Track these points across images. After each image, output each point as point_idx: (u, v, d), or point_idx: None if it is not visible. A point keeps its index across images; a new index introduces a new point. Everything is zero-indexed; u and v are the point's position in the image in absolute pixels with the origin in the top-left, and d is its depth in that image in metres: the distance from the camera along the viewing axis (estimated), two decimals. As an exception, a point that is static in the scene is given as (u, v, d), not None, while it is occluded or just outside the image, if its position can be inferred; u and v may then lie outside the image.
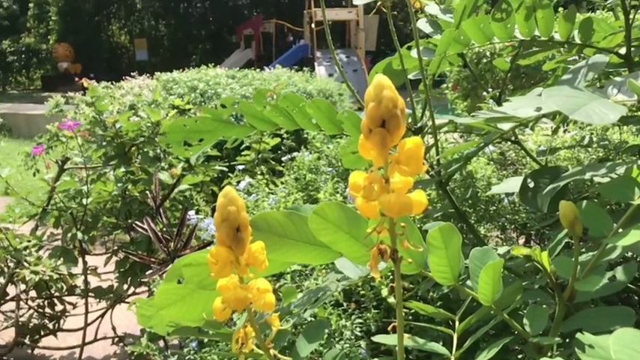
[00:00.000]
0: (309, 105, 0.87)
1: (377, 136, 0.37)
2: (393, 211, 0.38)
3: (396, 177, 0.39)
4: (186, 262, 0.49)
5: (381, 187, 0.38)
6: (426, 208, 0.39)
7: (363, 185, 0.38)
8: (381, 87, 0.38)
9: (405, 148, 0.38)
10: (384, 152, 0.38)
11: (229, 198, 0.44)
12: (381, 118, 0.37)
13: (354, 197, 0.39)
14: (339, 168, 2.17)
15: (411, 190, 0.38)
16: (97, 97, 2.34)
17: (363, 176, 0.39)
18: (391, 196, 0.38)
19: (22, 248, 2.31)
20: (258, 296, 0.44)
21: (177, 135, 0.96)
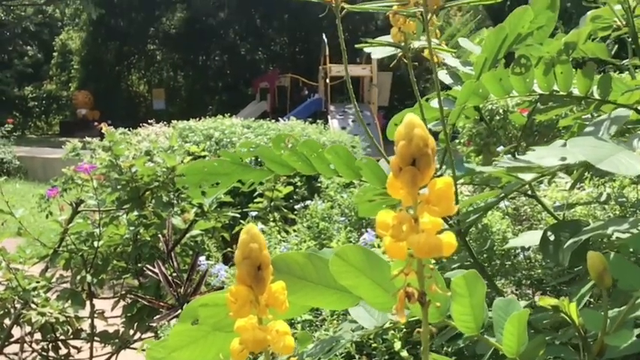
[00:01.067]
0: (328, 150, 0.87)
1: (407, 175, 0.37)
2: (422, 252, 0.37)
3: (425, 217, 0.38)
4: (203, 302, 0.48)
5: (410, 227, 0.37)
6: (455, 251, 0.38)
7: (391, 224, 0.38)
8: (412, 125, 0.38)
9: (436, 188, 0.37)
10: (414, 191, 0.38)
11: (251, 235, 0.44)
12: (411, 156, 0.37)
13: (382, 236, 0.38)
14: (352, 217, 2.17)
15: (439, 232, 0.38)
16: (115, 142, 2.37)
17: (391, 215, 0.38)
18: (421, 237, 0.37)
19: (31, 289, 2.30)
20: (277, 338, 0.43)
21: (194, 177, 0.96)
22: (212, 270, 1.69)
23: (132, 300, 2.50)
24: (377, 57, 1.04)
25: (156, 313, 2.49)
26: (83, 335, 2.58)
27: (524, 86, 0.95)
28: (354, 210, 2.09)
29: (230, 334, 0.52)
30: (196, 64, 22.40)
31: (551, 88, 0.98)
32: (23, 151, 11.40)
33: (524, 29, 0.88)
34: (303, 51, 21.89)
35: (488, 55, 0.89)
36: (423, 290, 0.40)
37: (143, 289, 2.48)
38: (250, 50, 22.52)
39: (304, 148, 0.88)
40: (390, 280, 0.50)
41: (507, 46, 0.89)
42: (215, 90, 21.95)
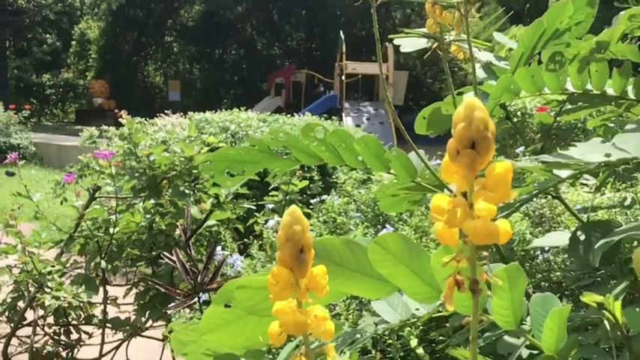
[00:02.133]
0: (357, 141, 0.86)
1: (466, 158, 0.36)
2: (479, 238, 0.36)
3: (479, 203, 0.37)
4: (240, 284, 0.48)
5: (464, 213, 0.36)
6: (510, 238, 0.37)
7: (447, 209, 0.37)
8: (472, 107, 0.36)
9: (495, 173, 0.36)
10: (472, 176, 0.37)
11: (295, 217, 0.43)
12: (470, 139, 0.36)
13: (435, 221, 0.37)
14: (368, 213, 2.16)
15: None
16: (134, 130, 2.38)
17: (446, 200, 0.37)
18: (478, 222, 0.36)
19: (46, 273, 2.31)
20: (317, 323, 0.42)
21: (221, 164, 0.96)
22: (228, 260, 1.69)
23: (145, 287, 2.50)
24: (406, 50, 1.02)
25: (169, 301, 2.50)
26: (95, 321, 2.60)
27: (558, 84, 0.93)
28: (370, 206, 2.08)
29: (263, 318, 0.52)
30: (212, 57, 22.46)
31: (585, 87, 0.96)
32: (39, 138, 11.50)
33: (563, 25, 0.86)
34: (319, 47, 21.86)
35: (525, 50, 0.87)
36: (475, 277, 0.39)
37: (156, 277, 2.48)
38: (267, 45, 22.54)
39: (333, 138, 0.87)
40: (429, 271, 0.49)
41: (544, 41, 0.87)
42: (230, 84, 22.01)
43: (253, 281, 0.48)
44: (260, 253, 1.91)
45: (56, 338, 2.65)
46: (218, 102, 19.48)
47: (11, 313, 2.57)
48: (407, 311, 0.85)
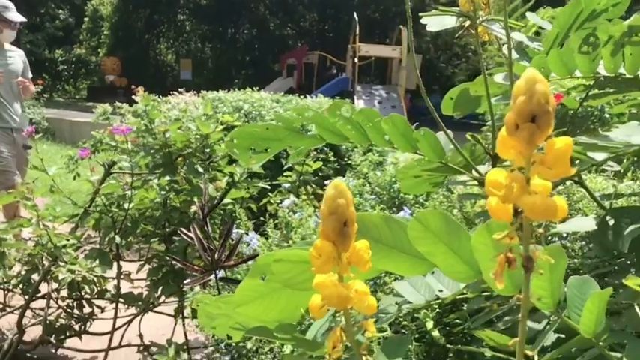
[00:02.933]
0: (385, 120, 0.85)
1: (525, 132, 0.35)
2: (536, 214, 0.35)
3: (535, 180, 0.36)
4: (278, 257, 0.48)
5: (521, 188, 0.36)
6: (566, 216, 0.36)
7: (504, 184, 0.36)
8: (534, 80, 0.35)
9: (555, 148, 0.35)
10: (530, 150, 0.36)
11: (339, 190, 0.42)
12: (531, 113, 0.35)
13: (490, 195, 0.37)
14: (383, 196, 2.15)
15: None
16: (151, 106, 2.38)
17: (504, 174, 0.36)
18: (536, 198, 0.35)
19: (61, 246, 2.33)
20: (360, 297, 0.42)
21: (245, 141, 0.95)
22: (244, 238, 1.69)
23: (158, 264, 2.52)
24: (433, 29, 1.00)
25: (182, 277, 2.52)
26: (107, 295, 2.62)
27: (589, 67, 0.92)
28: (385, 188, 2.07)
29: (298, 291, 0.52)
30: (225, 36, 22.35)
31: (617, 71, 0.95)
32: (51, 113, 11.54)
33: (600, 5, 0.85)
34: (332, 29, 21.69)
35: (560, 30, 0.85)
36: (528, 254, 0.38)
37: (170, 253, 2.49)
38: (279, 25, 22.40)
39: (360, 116, 0.86)
40: (469, 249, 0.49)
41: (580, 22, 0.85)
42: (242, 63, 21.93)
43: (291, 254, 0.48)
44: (275, 231, 1.91)
45: (69, 311, 2.68)
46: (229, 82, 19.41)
47: (25, 285, 2.60)
48: (430, 292, 0.84)
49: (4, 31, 4.13)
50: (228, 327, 0.68)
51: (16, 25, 4.20)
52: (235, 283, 1.49)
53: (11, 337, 2.62)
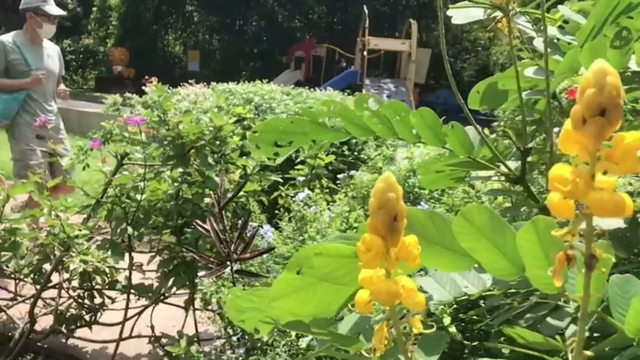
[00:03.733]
0: (414, 114, 0.84)
1: (594, 126, 0.34)
2: (603, 211, 0.34)
3: (599, 176, 0.35)
4: (318, 250, 0.47)
5: (587, 184, 0.34)
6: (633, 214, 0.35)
7: (570, 179, 0.34)
8: (604, 72, 0.34)
9: (624, 143, 0.34)
10: (597, 145, 0.34)
11: (389, 184, 0.41)
12: (600, 106, 0.34)
13: (554, 190, 0.35)
14: (398, 191, 2.13)
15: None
16: (165, 97, 2.37)
17: (569, 170, 0.35)
18: (604, 194, 0.34)
19: (74, 237, 2.33)
20: (409, 293, 0.41)
21: (269, 135, 0.94)
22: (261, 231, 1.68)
23: (169, 255, 2.52)
24: (458, 22, 0.99)
25: (193, 269, 2.52)
26: (118, 286, 2.62)
27: (621, 61, 0.90)
28: (399, 182, 2.05)
29: (335, 285, 0.51)
30: (233, 28, 22.31)
31: (649, 66, 0.93)
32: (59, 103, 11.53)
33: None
34: (340, 21, 21.61)
35: (595, 23, 0.84)
36: (591, 252, 0.37)
37: (182, 245, 2.49)
38: (288, 18, 22.34)
39: (388, 110, 0.85)
40: (513, 246, 0.48)
41: (616, 15, 0.84)
42: (250, 56, 21.89)
43: (331, 249, 0.47)
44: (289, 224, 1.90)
45: (80, 301, 2.68)
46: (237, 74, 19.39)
47: (37, 275, 2.61)
48: (456, 288, 0.83)
49: (44, 25, 3.94)
50: (257, 320, 0.67)
51: (55, 18, 4.00)
52: (251, 276, 1.48)
53: (22, 327, 2.63)
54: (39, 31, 3.91)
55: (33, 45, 3.93)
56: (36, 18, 3.87)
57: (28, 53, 3.87)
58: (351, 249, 0.47)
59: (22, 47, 3.85)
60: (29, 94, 3.86)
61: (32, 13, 3.87)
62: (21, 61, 3.82)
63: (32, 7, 3.88)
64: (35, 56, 3.92)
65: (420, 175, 1.09)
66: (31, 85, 3.82)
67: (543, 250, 0.47)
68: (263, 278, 1.51)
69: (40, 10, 3.88)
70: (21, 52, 3.82)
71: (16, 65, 3.81)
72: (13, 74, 3.83)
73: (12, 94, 3.82)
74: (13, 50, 3.80)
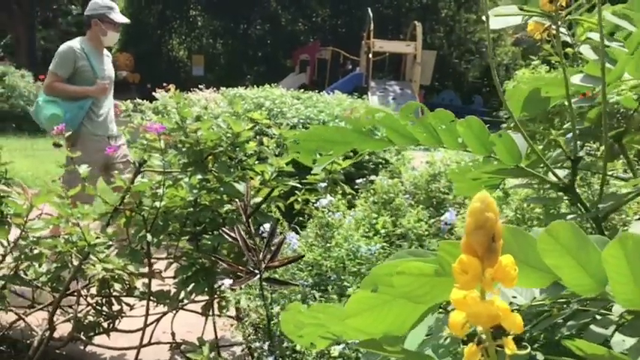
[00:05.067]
0: (461, 123, 0.83)
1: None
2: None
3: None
4: (400, 270, 0.46)
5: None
6: None
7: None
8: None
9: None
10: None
11: (486, 204, 0.41)
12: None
13: None
14: (419, 195, 2.13)
15: None
16: (183, 104, 2.37)
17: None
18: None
19: (94, 244, 2.33)
20: (507, 315, 0.40)
21: (310, 144, 0.94)
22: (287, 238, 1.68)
23: (188, 262, 2.52)
24: (497, 27, 0.98)
25: (212, 275, 2.52)
26: (136, 293, 2.62)
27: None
28: (422, 188, 2.05)
29: (411, 304, 0.50)
30: (236, 32, 22.34)
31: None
32: (67, 109, 11.56)
33: (688, 5, 0.82)
34: (344, 24, 21.62)
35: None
36: None
37: (200, 251, 2.49)
38: (291, 21, 22.36)
39: (434, 119, 0.84)
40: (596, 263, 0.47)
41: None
42: (254, 59, 21.91)
43: (413, 268, 0.46)
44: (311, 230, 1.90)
45: (98, 309, 2.68)
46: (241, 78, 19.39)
47: (54, 283, 2.61)
48: (504, 298, 0.83)
49: (108, 33, 3.87)
50: (316, 336, 0.67)
51: (120, 26, 3.94)
52: (280, 284, 1.48)
53: (41, 334, 2.63)
54: (103, 38, 3.85)
55: (97, 52, 3.86)
56: (101, 25, 3.81)
57: (94, 60, 3.80)
58: (431, 268, 0.47)
59: (89, 54, 3.77)
60: (93, 102, 3.77)
61: (97, 20, 3.81)
62: (88, 69, 3.74)
63: (98, 15, 3.83)
64: (99, 64, 3.86)
65: (455, 183, 1.08)
66: (96, 94, 3.75)
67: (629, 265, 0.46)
68: (291, 286, 1.50)
69: (105, 18, 3.83)
70: (88, 58, 3.75)
71: (83, 72, 3.73)
72: (79, 81, 3.74)
73: (77, 102, 3.71)
74: (82, 57, 3.72)
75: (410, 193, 2.15)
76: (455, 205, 1.83)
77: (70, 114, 3.66)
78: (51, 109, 3.63)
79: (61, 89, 3.68)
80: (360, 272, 1.51)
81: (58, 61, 3.72)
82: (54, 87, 3.69)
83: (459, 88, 19.30)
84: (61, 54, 3.74)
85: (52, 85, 3.70)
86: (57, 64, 3.71)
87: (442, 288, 0.48)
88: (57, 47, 4.09)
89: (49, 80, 3.73)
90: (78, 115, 3.71)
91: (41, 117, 3.72)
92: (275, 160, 2.37)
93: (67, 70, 3.69)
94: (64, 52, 3.73)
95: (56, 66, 3.71)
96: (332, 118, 4.61)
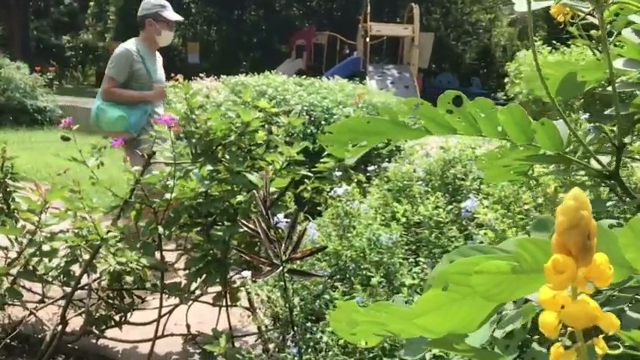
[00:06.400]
0: (502, 111, 0.82)
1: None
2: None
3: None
4: (479, 269, 0.45)
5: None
6: None
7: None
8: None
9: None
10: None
11: (580, 201, 0.39)
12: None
13: None
14: (434, 182, 2.11)
15: None
16: (191, 94, 2.34)
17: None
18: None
19: (107, 238, 2.32)
20: (604, 315, 0.39)
21: (344, 135, 0.92)
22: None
23: (200, 253, 2.51)
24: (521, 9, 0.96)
25: (224, 267, 2.51)
26: (147, 285, 2.61)
27: None
28: (437, 174, 2.04)
29: (482, 302, 0.49)
30: (231, 18, 22.15)
31: None
32: (64, 101, 11.51)
33: None
34: (340, 8, 21.46)
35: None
36: None
37: (211, 243, 2.48)
38: (285, 6, 22.18)
39: (474, 107, 0.83)
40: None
41: None
42: (249, 46, 21.75)
43: (491, 266, 0.45)
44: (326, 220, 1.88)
45: (110, 302, 2.68)
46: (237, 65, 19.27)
47: (65, 277, 2.59)
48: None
49: (163, 32, 3.71)
50: (371, 333, 0.66)
51: (174, 24, 3.78)
52: (303, 276, 1.47)
53: (53, 329, 2.62)
54: (157, 38, 3.70)
55: (151, 53, 3.72)
56: (155, 25, 3.66)
57: (149, 62, 3.65)
58: (508, 265, 0.45)
59: (145, 57, 3.62)
60: (152, 107, 3.63)
61: (152, 20, 3.66)
62: (143, 72, 3.59)
63: (151, 14, 3.67)
64: (153, 66, 3.71)
65: (486, 170, 1.07)
66: (154, 98, 3.62)
67: None
68: (313, 277, 1.49)
69: (159, 17, 3.68)
70: (144, 61, 3.60)
71: (139, 76, 3.57)
72: (133, 85, 3.59)
73: (138, 106, 3.56)
74: (138, 60, 3.57)
75: (424, 179, 2.13)
76: (473, 190, 1.81)
77: (133, 118, 3.53)
78: (116, 112, 3.46)
79: (118, 95, 3.53)
80: (382, 261, 1.50)
81: (114, 65, 3.56)
82: (112, 92, 3.53)
83: (456, 70, 19.23)
84: (117, 57, 3.58)
85: (109, 91, 3.54)
86: (113, 69, 3.56)
87: (517, 285, 0.46)
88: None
89: (106, 85, 3.56)
90: (142, 120, 3.56)
91: (105, 120, 3.55)
92: (285, 149, 2.35)
93: (123, 74, 3.54)
94: (121, 55, 3.57)
95: (112, 70, 3.56)
96: (335, 104, 4.58)
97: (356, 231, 1.58)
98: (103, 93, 3.59)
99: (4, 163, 2.85)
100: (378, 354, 1.31)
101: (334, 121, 4.41)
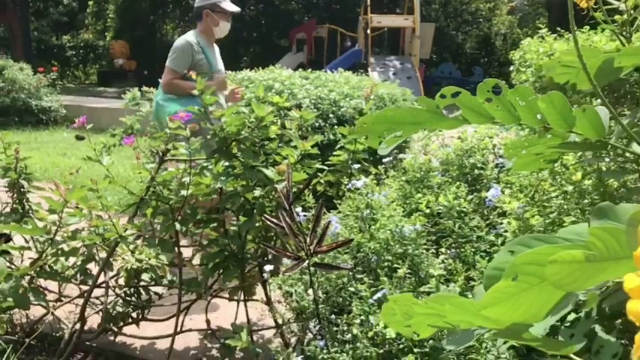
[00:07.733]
0: (542, 99, 0.81)
1: None
2: None
3: None
4: (553, 258, 0.45)
5: None
6: None
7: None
8: None
9: None
10: None
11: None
12: None
13: None
14: (452, 172, 2.11)
15: None
16: (204, 91, 2.33)
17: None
18: None
19: (126, 236, 2.32)
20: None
21: (379, 126, 0.92)
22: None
23: (218, 248, 2.51)
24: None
25: (242, 262, 2.52)
26: (164, 282, 2.62)
27: None
28: (455, 164, 2.03)
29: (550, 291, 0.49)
30: (230, 13, 22.02)
31: None
32: (68, 100, 11.51)
33: None
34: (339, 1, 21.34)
35: None
36: None
37: (228, 238, 2.48)
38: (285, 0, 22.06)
39: (514, 95, 0.82)
40: None
41: None
42: (249, 41, 21.66)
43: (565, 256, 0.45)
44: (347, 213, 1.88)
45: (127, 299, 2.69)
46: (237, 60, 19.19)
47: (81, 275, 2.60)
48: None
49: (220, 23, 3.66)
50: (425, 325, 0.66)
51: (231, 15, 3.72)
52: (328, 269, 1.47)
53: (71, 327, 2.63)
54: (215, 29, 3.66)
55: (210, 45, 3.68)
56: (213, 16, 3.63)
57: (209, 53, 3.62)
58: (582, 254, 0.45)
59: (205, 47, 3.60)
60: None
61: (209, 11, 3.63)
62: (204, 62, 3.57)
63: (209, 5, 3.63)
64: (212, 56, 3.68)
65: (516, 159, 1.06)
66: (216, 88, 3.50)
67: None
68: (339, 270, 1.49)
69: (217, 7, 3.64)
70: (204, 52, 3.57)
71: (200, 67, 3.53)
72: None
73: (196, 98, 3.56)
74: (199, 51, 3.54)
75: (441, 170, 2.13)
76: (493, 180, 1.81)
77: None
78: (174, 107, 3.40)
79: (180, 86, 3.48)
80: (407, 253, 1.50)
81: (175, 56, 3.53)
82: (173, 84, 3.50)
83: (457, 60, 19.15)
84: (178, 49, 3.54)
85: (171, 83, 3.50)
86: (174, 60, 3.52)
87: (589, 274, 0.46)
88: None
89: (167, 77, 3.52)
90: None
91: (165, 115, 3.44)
92: (300, 143, 2.35)
93: (184, 65, 3.50)
94: (182, 46, 3.54)
95: (174, 62, 3.52)
96: (342, 96, 4.57)
97: (379, 223, 1.58)
98: (164, 85, 3.55)
99: (18, 163, 2.86)
100: (408, 345, 1.31)
101: (342, 113, 4.40)
